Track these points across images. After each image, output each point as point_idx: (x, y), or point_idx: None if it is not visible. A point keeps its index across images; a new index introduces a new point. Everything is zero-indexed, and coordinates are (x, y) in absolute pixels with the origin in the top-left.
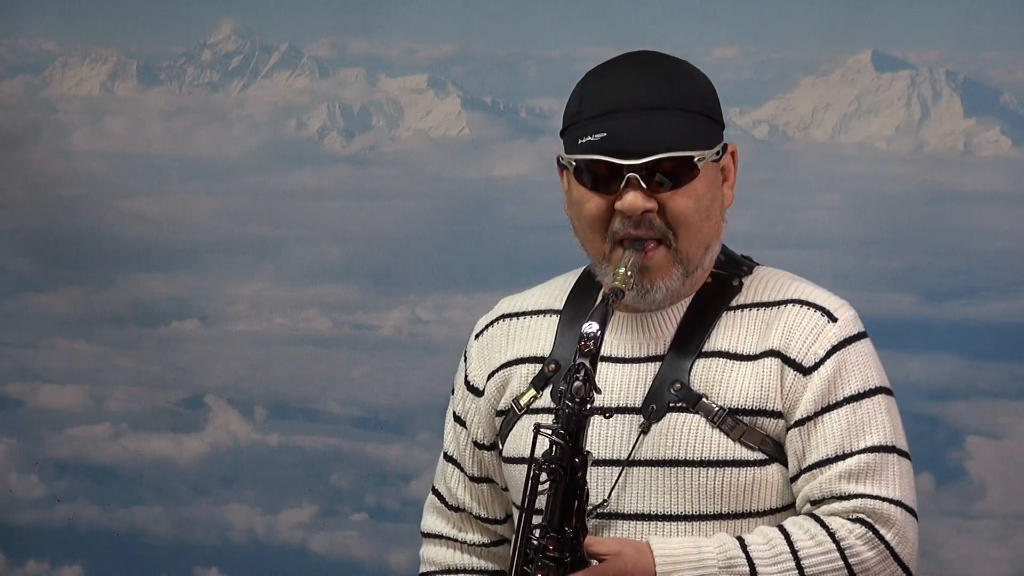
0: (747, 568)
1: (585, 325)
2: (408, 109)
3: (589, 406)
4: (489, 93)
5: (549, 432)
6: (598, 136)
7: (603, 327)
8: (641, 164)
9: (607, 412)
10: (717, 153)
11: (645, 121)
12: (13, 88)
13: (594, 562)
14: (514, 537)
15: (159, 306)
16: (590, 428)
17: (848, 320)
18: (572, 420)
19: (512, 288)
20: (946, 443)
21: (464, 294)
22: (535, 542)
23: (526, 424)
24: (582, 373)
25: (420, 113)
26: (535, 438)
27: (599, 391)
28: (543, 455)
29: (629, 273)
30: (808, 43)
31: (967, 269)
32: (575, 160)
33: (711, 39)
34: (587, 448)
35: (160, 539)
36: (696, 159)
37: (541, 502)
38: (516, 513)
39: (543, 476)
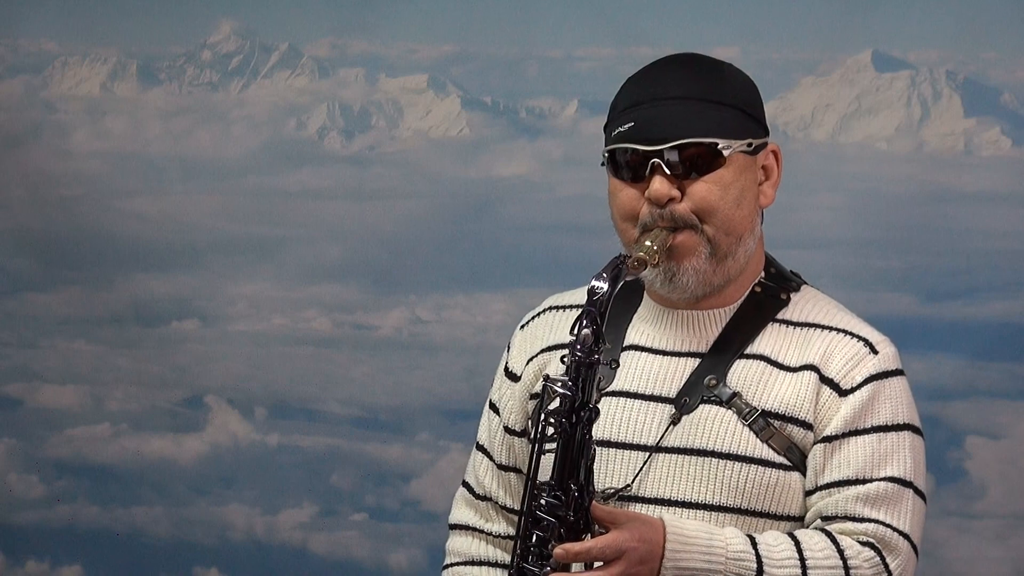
0: (755, 564)
1: (595, 279)
2: (408, 109)
3: (597, 357)
4: (489, 93)
5: (557, 384)
6: (627, 126)
7: (613, 286)
8: (663, 149)
9: (613, 363)
10: (749, 145)
11: (671, 109)
12: (13, 88)
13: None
14: (522, 495)
15: (159, 306)
16: (619, 412)
17: (888, 355)
18: (579, 370)
19: (511, 288)
20: (946, 443)
21: (464, 294)
22: (541, 500)
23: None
24: (591, 322)
25: (420, 113)
26: (544, 389)
27: (606, 345)
28: (549, 407)
29: (655, 248)
30: (808, 43)
31: (967, 269)
32: (607, 151)
33: (711, 39)
34: (595, 404)
35: (160, 539)
36: (721, 147)
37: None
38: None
39: (550, 431)
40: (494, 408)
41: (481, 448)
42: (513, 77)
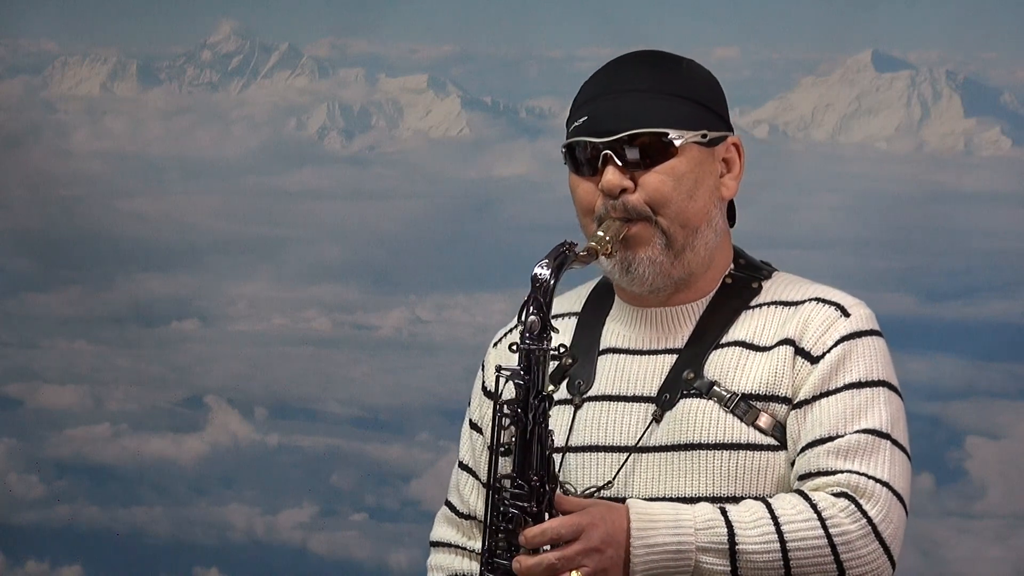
0: (725, 530)
1: (537, 267)
2: (408, 109)
3: (546, 344)
4: (489, 93)
5: (508, 373)
6: (582, 120)
7: (557, 271)
8: (613, 141)
9: (561, 347)
10: (703, 136)
11: (624, 102)
12: (13, 88)
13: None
14: (486, 486)
15: (159, 306)
16: (602, 416)
17: (861, 316)
18: (530, 357)
19: (511, 288)
20: (946, 443)
21: (464, 294)
22: (505, 492)
23: None
24: (536, 308)
25: (420, 113)
26: (498, 380)
27: (556, 330)
28: (504, 397)
29: (608, 238)
30: (808, 43)
31: (967, 269)
32: (564, 146)
33: (711, 39)
34: (550, 390)
35: (160, 539)
36: (672, 136)
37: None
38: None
39: (507, 422)
40: (475, 428)
41: (465, 467)
42: (513, 77)
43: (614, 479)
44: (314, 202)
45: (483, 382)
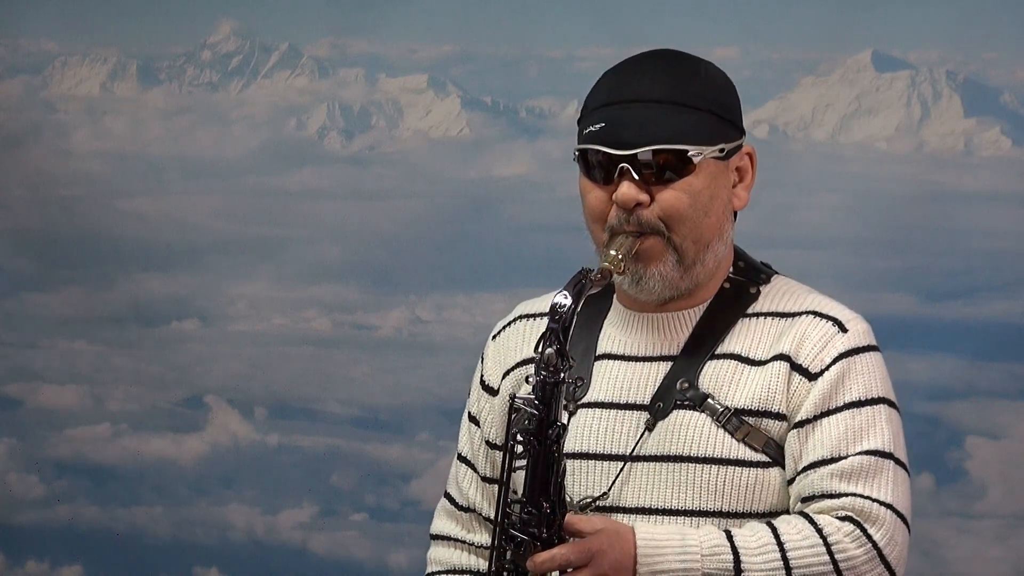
0: (731, 557)
1: (558, 296)
2: (408, 109)
3: (563, 375)
4: (489, 93)
5: (522, 403)
6: (598, 126)
7: (576, 300)
8: (632, 155)
9: (579, 381)
10: (721, 150)
11: (643, 113)
12: (13, 88)
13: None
14: (494, 513)
15: (159, 306)
16: (595, 423)
17: (859, 332)
18: (546, 389)
19: (511, 289)
20: (946, 443)
21: (464, 294)
22: (513, 517)
23: None
24: (554, 342)
25: (420, 113)
26: (511, 408)
27: (572, 362)
28: (517, 426)
29: (620, 256)
30: (808, 43)
31: (967, 269)
32: (577, 150)
33: (711, 39)
34: (564, 421)
35: (160, 539)
36: (691, 154)
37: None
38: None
39: (519, 449)
40: (474, 421)
41: (464, 460)
42: (513, 77)
43: (610, 490)
44: (314, 202)
45: (482, 377)
